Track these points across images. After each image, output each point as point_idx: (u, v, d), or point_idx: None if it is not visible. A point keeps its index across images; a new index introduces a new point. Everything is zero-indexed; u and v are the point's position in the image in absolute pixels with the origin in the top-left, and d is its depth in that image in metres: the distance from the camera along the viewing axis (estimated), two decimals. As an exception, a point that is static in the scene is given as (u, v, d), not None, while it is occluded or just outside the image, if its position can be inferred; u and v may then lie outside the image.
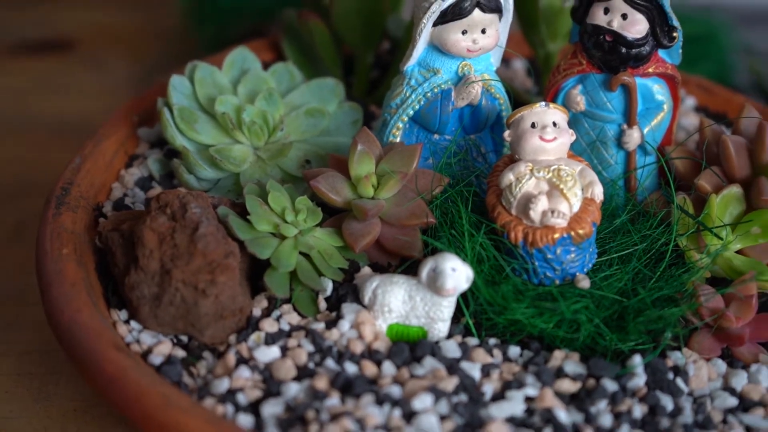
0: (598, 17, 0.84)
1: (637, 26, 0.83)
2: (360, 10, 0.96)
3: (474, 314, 0.77)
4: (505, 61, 1.08)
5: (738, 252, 0.84)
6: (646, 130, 0.86)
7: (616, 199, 0.87)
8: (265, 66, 0.95)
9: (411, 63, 0.85)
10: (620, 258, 0.80)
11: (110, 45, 1.27)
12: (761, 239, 0.83)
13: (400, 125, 0.86)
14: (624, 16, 0.83)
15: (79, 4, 1.34)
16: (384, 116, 0.87)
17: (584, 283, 0.77)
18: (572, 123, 0.87)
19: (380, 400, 0.70)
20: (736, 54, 1.32)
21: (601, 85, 0.86)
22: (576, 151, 0.87)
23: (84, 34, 1.29)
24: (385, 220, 0.81)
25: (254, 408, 0.70)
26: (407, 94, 0.85)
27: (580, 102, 0.86)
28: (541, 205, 0.76)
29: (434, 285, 0.74)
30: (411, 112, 0.85)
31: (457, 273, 0.73)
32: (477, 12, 0.82)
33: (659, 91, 0.86)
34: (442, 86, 0.85)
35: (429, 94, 0.85)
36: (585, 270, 0.79)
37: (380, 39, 1.00)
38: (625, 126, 0.86)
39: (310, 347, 0.74)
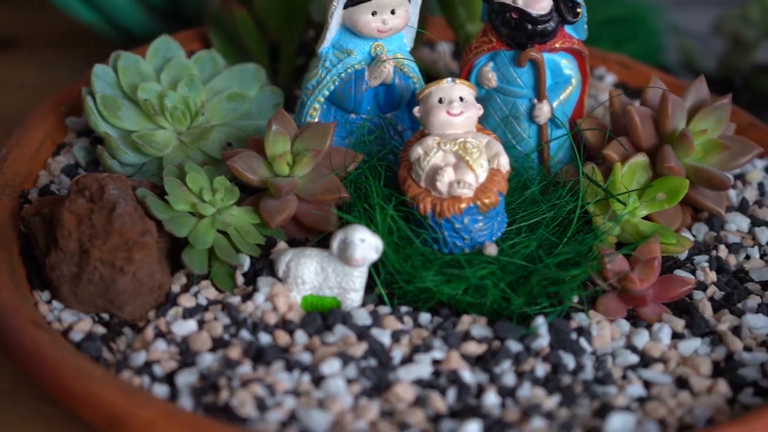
0: (504, -5, 0.87)
1: (541, 3, 0.86)
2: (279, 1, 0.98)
3: (388, 284, 0.80)
4: (431, 44, 1.11)
5: (646, 218, 0.87)
6: (555, 104, 0.89)
7: (530, 171, 0.90)
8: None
9: (325, 45, 0.88)
10: (529, 226, 0.83)
11: (53, 43, 1.29)
12: (667, 204, 0.86)
13: (317, 106, 0.88)
14: (528, -6, 0.86)
15: (20, 3, 1.36)
16: (302, 98, 0.90)
17: (491, 249, 0.80)
18: (486, 99, 0.90)
19: (290, 367, 0.72)
20: (665, 35, 1.36)
21: (511, 61, 0.89)
22: (490, 126, 0.90)
23: (27, 33, 1.31)
24: (301, 197, 0.83)
25: (170, 378, 0.73)
26: (322, 76, 0.88)
27: (492, 78, 0.89)
28: (448, 176, 0.79)
29: (344, 256, 0.76)
30: (326, 93, 0.88)
31: (366, 244, 0.76)
32: (385, -7, 0.85)
33: (567, 65, 0.89)
34: (356, 66, 0.87)
35: (343, 75, 0.87)
36: (494, 238, 0.82)
37: (304, 26, 1.02)
38: (535, 100, 0.89)
39: (226, 320, 0.76)
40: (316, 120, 0.89)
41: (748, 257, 0.87)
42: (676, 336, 0.79)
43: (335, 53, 0.88)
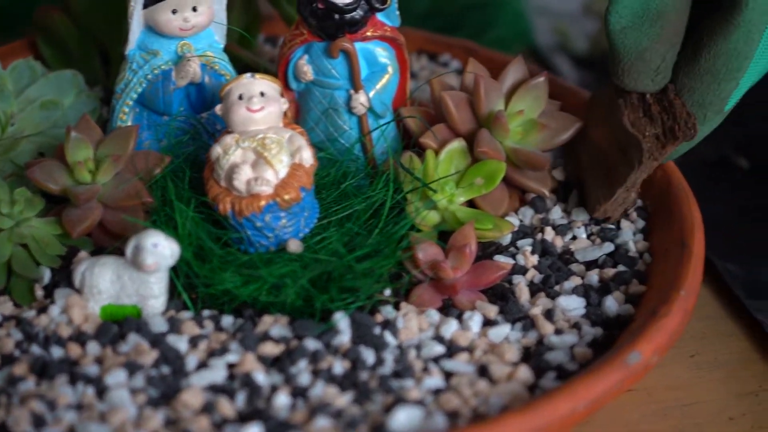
0: (309, -15, 0.85)
1: (347, -9, 0.84)
2: (98, 3, 0.96)
3: (194, 287, 0.77)
4: (273, 40, 1.09)
5: (470, 204, 0.85)
6: (372, 94, 0.87)
7: (354, 163, 0.88)
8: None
9: (131, 47, 0.86)
10: (340, 220, 0.81)
11: None
12: (485, 189, 0.84)
13: (127, 110, 0.86)
14: (336, -17, 0.84)
15: None
16: (112, 102, 0.88)
17: (293, 246, 0.78)
18: (306, 93, 0.88)
19: (75, 380, 0.70)
20: (533, 17, 1.34)
21: (324, 53, 0.87)
22: (312, 119, 0.88)
23: None
24: (106, 204, 0.81)
25: (-49, 401, 0.71)
26: (130, 78, 0.86)
27: (308, 72, 0.87)
28: (244, 174, 0.77)
29: (137, 262, 0.74)
30: (134, 96, 0.86)
31: (159, 248, 0.74)
32: (183, -10, 0.83)
33: (382, 54, 0.87)
34: (162, 67, 0.85)
35: (150, 76, 0.85)
36: (301, 235, 0.80)
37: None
38: (352, 91, 0.87)
39: (19, 336, 0.74)
40: (129, 123, 0.86)
41: (575, 238, 0.86)
42: (489, 323, 0.77)
43: (141, 55, 0.86)
